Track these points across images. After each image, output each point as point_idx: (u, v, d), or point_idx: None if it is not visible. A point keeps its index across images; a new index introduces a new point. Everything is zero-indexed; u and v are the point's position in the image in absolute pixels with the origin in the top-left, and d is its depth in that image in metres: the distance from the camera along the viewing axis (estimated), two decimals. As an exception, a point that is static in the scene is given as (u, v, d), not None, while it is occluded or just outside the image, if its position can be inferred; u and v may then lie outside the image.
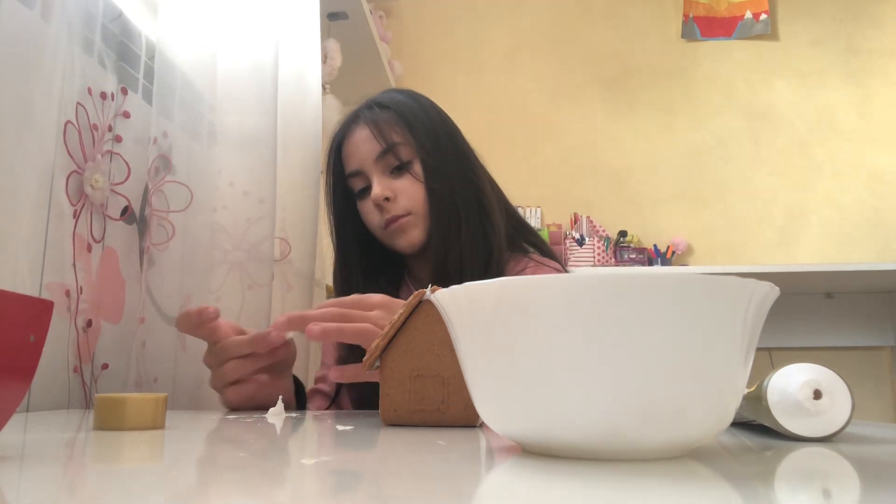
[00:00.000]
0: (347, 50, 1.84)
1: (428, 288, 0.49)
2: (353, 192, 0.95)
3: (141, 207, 0.88)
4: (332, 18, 1.87)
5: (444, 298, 0.34)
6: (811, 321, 2.56)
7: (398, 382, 0.52)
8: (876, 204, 2.70)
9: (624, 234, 2.71)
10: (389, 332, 0.52)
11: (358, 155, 0.92)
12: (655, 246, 2.71)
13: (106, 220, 0.81)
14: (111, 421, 0.45)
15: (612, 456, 0.30)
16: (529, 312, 0.30)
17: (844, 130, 2.77)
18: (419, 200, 0.89)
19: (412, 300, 0.52)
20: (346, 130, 0.95)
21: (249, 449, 0.37)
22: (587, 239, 2.66)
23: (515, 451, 0.35)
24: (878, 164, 2.73)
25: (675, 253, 2.70)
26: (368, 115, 0.92)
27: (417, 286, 0.97)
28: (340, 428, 0.50)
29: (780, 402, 0.39)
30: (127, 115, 0.85)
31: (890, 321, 2.55)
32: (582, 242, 2.65)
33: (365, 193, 0.93)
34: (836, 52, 2.82)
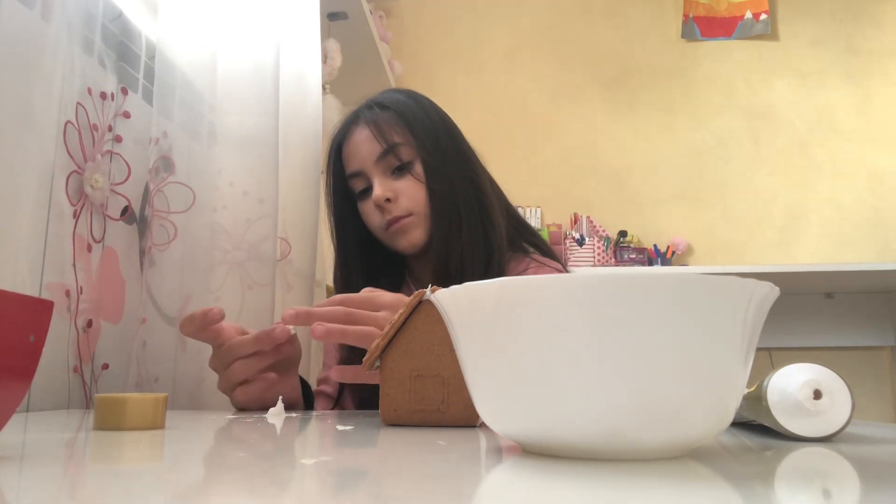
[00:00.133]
0: (347, 50, 1.84)
1: (428, 288, 0.49)
2: (353, 192, 0.95)
3: (141, 207, 0.88)
4: (332, 18, 1.87)
5: (444, 298, 0.34)
6: (811, 321, 2.56)
7: (398, 382, 0.52)
8: (876, 204, 2.70)
9: (624, 234, 2.71)
10: (389, 332, 0.52)
11: (358, 156, 0.92)
12: (655, 246, 2.71)
13: (106, 220, 0.81)
14: (111, 421, 0.45)
15: (612, 456, 0.30)
16: (529, 312, 0.30)
17: (844, 130, 2.77)
18: (420, 201, 0.89)
19: (412, 300, 0.52)
20: (346, 131, 0.95)
21: (250, 449, 0.37)
22: (587, 239, 2.66)
23: (515, 451, 0.35)
24: (878, 164, 2.73)
25: (675, 253, 2.70)
26: (368, 115, 0.92)
27: (418, 286, 0.97)
28: (340, 428, 0.50)
29: (780, 402, 0.39)
30: (127, 115, 0.85)
31: (890, 321, 2.55)
32: (582, 242, 2.65)
33: (366, 194, 0.93)
34: (836, 52, 2.82)
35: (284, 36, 1.01)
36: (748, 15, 2.88)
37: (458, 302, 0.33)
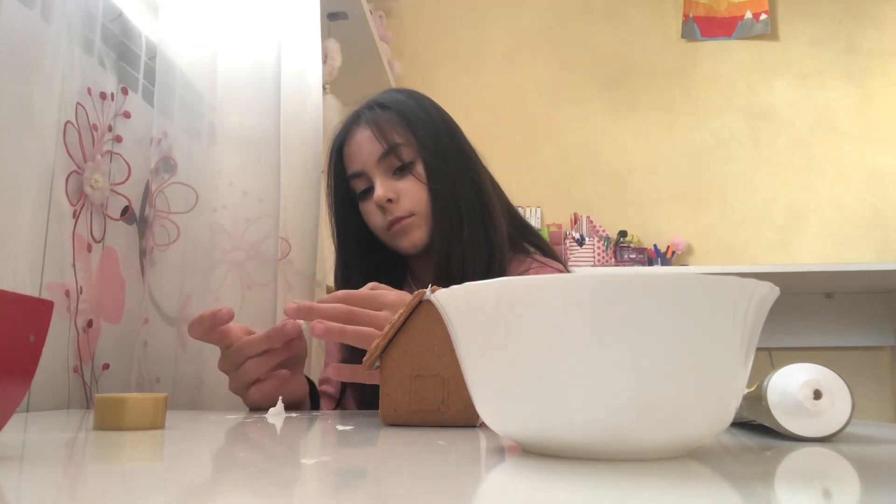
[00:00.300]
0: (347, 50, 1.84)
1: (428, 288, 0.49)
2: (354, 193, 0.95)
3: (141, 207, 0.88)
4: (332, 18, 1.87)
5: (444, 298, 0.34)
6: (811, 321, 2.56)
7: (398, 382, 0.52)
8: (876, 204, 2.70)
9: (624, 234, 2.71)
10: (389, 332, 0.52)
11: (360, 156, 0.92)
12: (655, 246, 2.71)
13: (106, 220, 0.81)
14: (111, 421, 0.45)
15: (612, 456, 0.30)
16: (529, 312, 0.30)
17: (844, 130, 2.77)
18: (422, 201, 0.89)
19: (412, 300, 0.52)
20: (347, 131, 0.95)
21: (250, 449, 0.37)
22: (587, 239, 2.66)
23: (515, 451, 0.35)
24: (878, 164, 2.73)
25: (675, 253, 2.70)
26: (370, 115, 0.92)
27: (419, 286, 0.97)
28: (340, 428, 0.50)
29: (780, 402, 0.39)
30: (127, 115, 0.85)
31: (890, 321, 2.55)
32: (582, 242, 2.65)
33: (367, 195, 0.93)
34: (836, 52, 2.82)
35: (284, 36, 1.01)
36: (748, 15, 2.88)
37: (458, 302, 0.33)
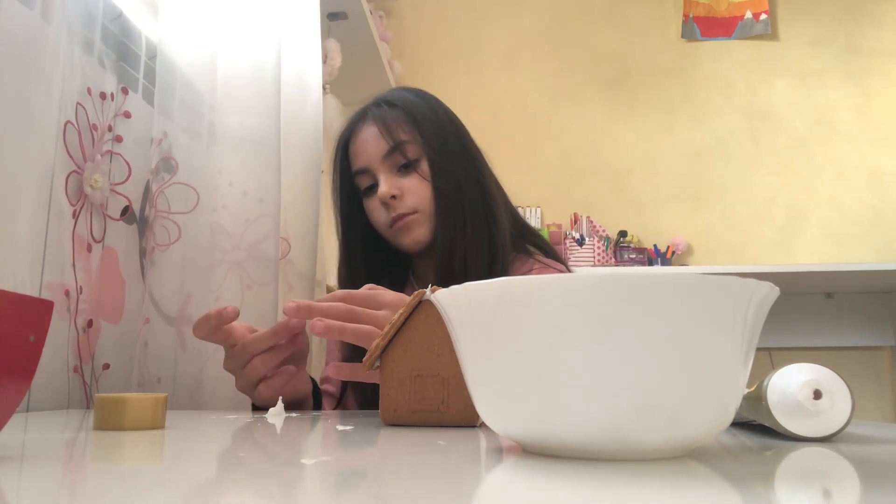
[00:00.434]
0: (347, 50, 1.84)
1: (428, 288, 0.49)
2: (359, 190, 0.95)
3: (141, 207, 0.88)
4: (332, 18, 1.87)
5: (444, 298, 0.34)
6: (811, 321, 2.56)
7: (398, 382, 0.52)
8: (876, 204, 2.70)
9: (624, 234, 2.71)
10: (389, 332, 0.52)
11: (365, 153, 0.92)
12: (655, 246, 2.71)
13: (106, 220, 0.81)
14: (111, 421, 0.45)
15: (612, 456, 0.30)
16: (529, 312, 0.30)
17: (844, 130, 2.77)
18: (426, 199, 0.90)
19: (412, 300, 0.52)
20: (353, 128, 0.95)
21: (250, 449, 0.37)
22: (587, 239, 2.66)
23: (515, 451, 0.35)
24: (878, 164, 2.73)
25: (675, 253, 2.70)
26: (376, 112, 0.93)
27: (421, 285, 0.97)
28: (340, 428, 0.50)
29: (780, 402, 0.39)
30: (127, 115, 0.85)
31: (890, 321, 2.55)
32: (582, 242, 2.65)
33: (371, 191, 0.93)
34: (836, 52, 2.82)
35: (284, 36, 1.01)
36: (748, 15, 2.88)
37: (458, 302, 0.33)
